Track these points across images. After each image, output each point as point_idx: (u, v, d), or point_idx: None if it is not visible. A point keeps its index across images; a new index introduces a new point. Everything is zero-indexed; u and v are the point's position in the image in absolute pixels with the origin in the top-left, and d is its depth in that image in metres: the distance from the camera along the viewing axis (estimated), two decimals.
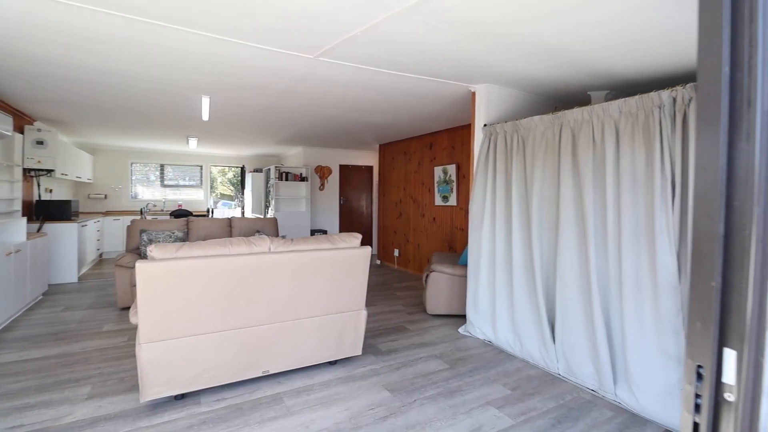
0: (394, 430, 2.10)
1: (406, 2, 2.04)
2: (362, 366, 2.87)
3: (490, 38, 2.52)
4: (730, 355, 0.51)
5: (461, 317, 3.83)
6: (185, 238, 4.92)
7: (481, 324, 3.42)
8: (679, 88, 2.25)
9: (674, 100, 2.28)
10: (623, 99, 2.54)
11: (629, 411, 2.32)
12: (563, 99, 3.96)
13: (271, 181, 7.71)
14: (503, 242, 3.28)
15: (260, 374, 2.53)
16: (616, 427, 2.16)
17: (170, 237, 4.77)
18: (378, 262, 7.22)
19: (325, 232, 7.97)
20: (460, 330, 3.59)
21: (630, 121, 2.49)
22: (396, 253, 6.76)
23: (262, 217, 7.20)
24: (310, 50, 2.71)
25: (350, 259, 2.72)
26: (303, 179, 7.71)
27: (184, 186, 9.06)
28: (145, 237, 4.63)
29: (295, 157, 8.43)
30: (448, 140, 5.71)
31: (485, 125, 3.58)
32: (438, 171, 5.87)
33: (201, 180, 9.21)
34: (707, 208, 0.52)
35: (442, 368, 2.85)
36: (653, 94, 2.37)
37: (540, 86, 3.58)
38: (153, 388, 2.20)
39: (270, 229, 5.53)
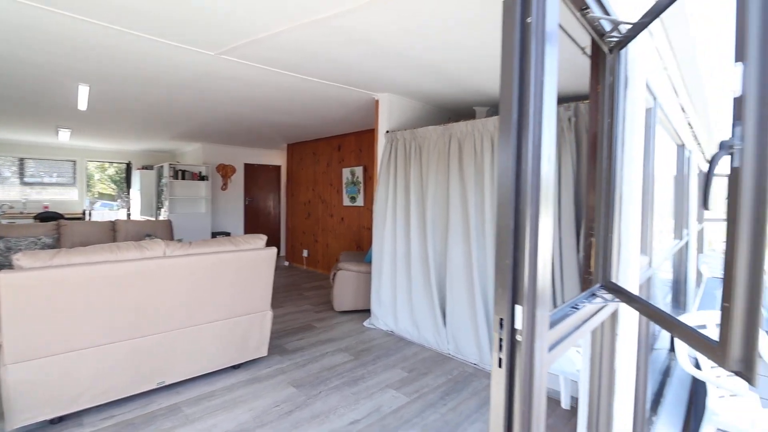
0: (299, 422, 2.20)
1: (312, 16, 2.15)
2: (267, 367, 2.88)
3: (388, 56, 2.77)
4: (519, 310, 0.74)
5: (367, 311, 4.05)
6: (55, 244, 4.28)
7: (384, 316, 3.68)
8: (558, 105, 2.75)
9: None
10: (497, 116, 3.00)
11: None
12: (456, 111, 4.44)
13: (165, 180, 7.06)
14: (403, 240, 3.58)
15: (155, 386, 2.39)
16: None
17: (35, 244, 4.11)
18: (286, 263, 7.12)
19: (228, 234, 7.57)
20: (365, 323, 3.80)
21: None
22: (305, 253, 6.76)
23: (153, 219, 6.55)
24: (211, 47, 2.64)
25: (255, 261, 2.72)
26: (203, 178, 7.21)
27: (51, 184, 7.73)
28: (1, 245, 3.91)
29: (193, 153, 7.82)
30: (355, 143, 5.92)
31: (388, 131, 3.85)
32: (346, 172, 6.04)
33: (74, 177, 7.96)
34: (504, 210, 0.75)
35: (347, 360, 3.01)
36: None
37: (436, 99, 3.99)
38: (23, 414, 1.94)
39: (163, 232, 5.10)
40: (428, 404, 2.40)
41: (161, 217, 7.22)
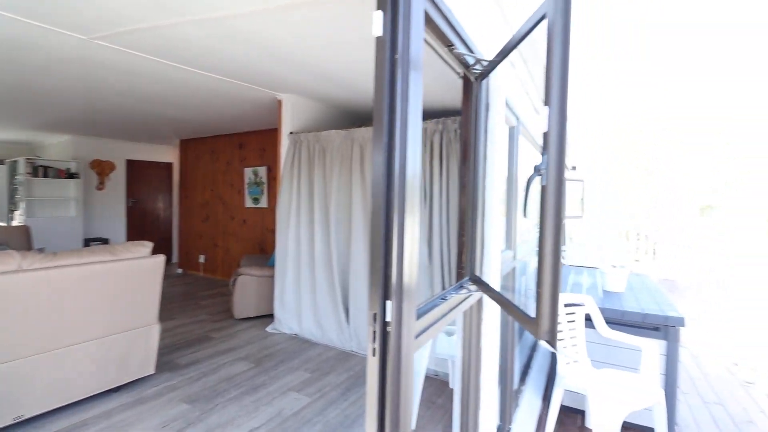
0: None
1: (202, 14, 2.05)
2: (155, 385, 2.65)
3: (288, 63, 2.77)
4: (389, 305, 0.85)
5: (270, 317, 3.95)
6: None
7: (287, 320, 3.64)
8: (429, 121, 3.02)
9: (425, 130, 3.04)
10: None
11: None
12: (362, 116, 4.59)
13: (20, 178, 5.91)
14: (307, 242, 3.59)
15: (11, 422, 2.03)
16: None
17: None
18: (180, 271, 6.51)
19: (106, 241, 6.64)
20: (268, 329, 3.71)
21: None
22: (201, 259, 6.27)
23: (4, 225, 5.44)
24: (83, 31, 2.33)
25: (138, 271, 2.47)
26: (72, 176, 6.21)
27: None
28: None
29: (59, 147, 6.67)
30: (258, 142, 5.71)
31: (291, 133, 3.81)
32: (248, 172, 5.78)
33: None
34: (376, 218, 0.86)
35: (247, 368, 2.91)
36: None
37: (341, 104, 4.07)
38: None
39: (18, 241, 4.29)
40: (330, 402, 2.47)
41: (15, 223, 6.02)
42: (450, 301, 1.18)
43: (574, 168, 7.66)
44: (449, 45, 1.20)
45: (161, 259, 2.61)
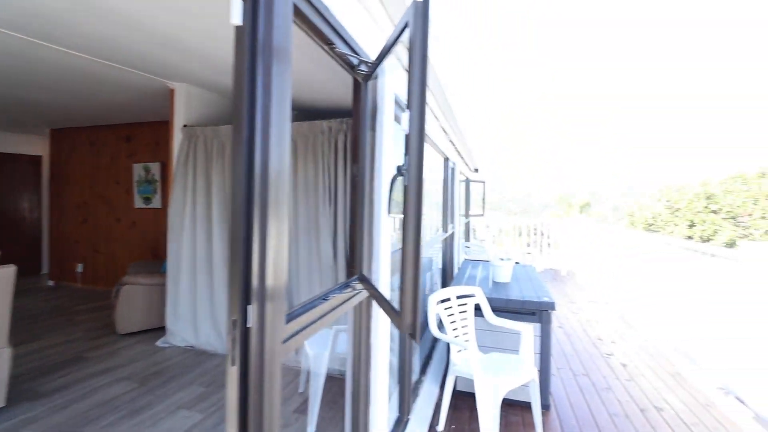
0: None
1: None
2: (7, 420, 2.21)
3: (178, 49, 2.52)
4: (251, 309, 0.81)
5: (161, 330, 3.57)
6: None
7: (182, 331, 3.33)
8: (333, 120, 3.00)
9: (330, 129, 3.01)
10: (299, 122, 3.12)
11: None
12: None
13: None
14: (204, 243, 3.32)
15: None
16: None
17: None
18: (51, 282, 5.54)
19: None
20: (159, 343, 3.35)
21: (304, 141, 3.10)
22: (79, 268, 5.42)
23: None
24: None
25: None
26: None
27: None
28: None
29: None
30: (150, 135, 5.12)
31: (185, 126, 3.49)
32: (138, 168, 5.17)
33: None
34: (236, 218, 0.80)
35: (129, 389, 2.59)
36: (317, 122, 3.04)
37: None
38: None
39: None
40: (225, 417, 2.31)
41: None
42: (332, 300, 1.17)
43: (476, 170, 8.32)
44: (329, 43, 1.19)
45: (10, 270, 2.18)
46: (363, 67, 1.41)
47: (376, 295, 1.24)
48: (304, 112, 4.09)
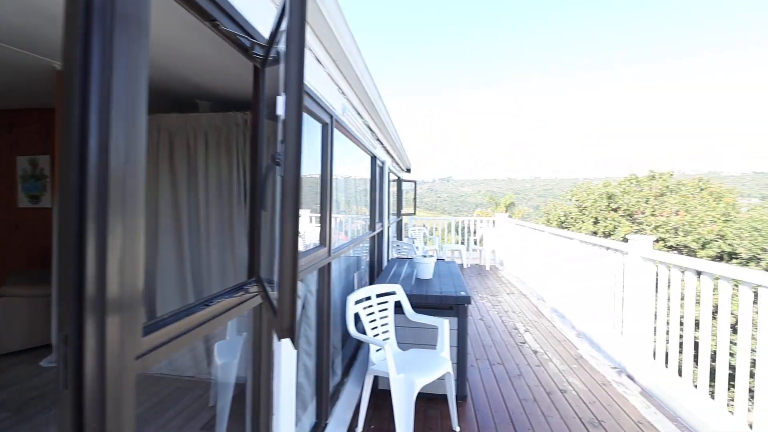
0: None
1: None
2: None
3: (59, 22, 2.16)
4: (89, 323, 0.68)
5: (47, 347, 3.09)
6: None
7: None
8: (249, 113, 2.82)
9: (246, 121, 2.83)
10: (211, 113, 2.89)
11: None
12: (179, 102, 4.00)
13: None
14: None
15: None
16: None
17: None
18: None
19: None
20: (43, 363, 2.89)
21: (217, 133, 2.88)
22: None
23: None
24: None
25: None
26: None
27: None
28: None
29: None
30: (40, 123, 4.44)
31: None
32: (22, 162, 4.46)
33: None
34: (66, 211, 0.67)
35: (0, 419, 2.19)
36: (232, 114, 2.84)
37: (155, 88, 3.45)
38: None
39: None
40: None
41: None
42: (215, 306, 1.06)
43: (408, 170, 8.48)
44: (212, 20, 1.08)
45: None
46: (258, 51, 1.31)
47: (264, 297, 1.15)
48: (218, 103, 3.82)
